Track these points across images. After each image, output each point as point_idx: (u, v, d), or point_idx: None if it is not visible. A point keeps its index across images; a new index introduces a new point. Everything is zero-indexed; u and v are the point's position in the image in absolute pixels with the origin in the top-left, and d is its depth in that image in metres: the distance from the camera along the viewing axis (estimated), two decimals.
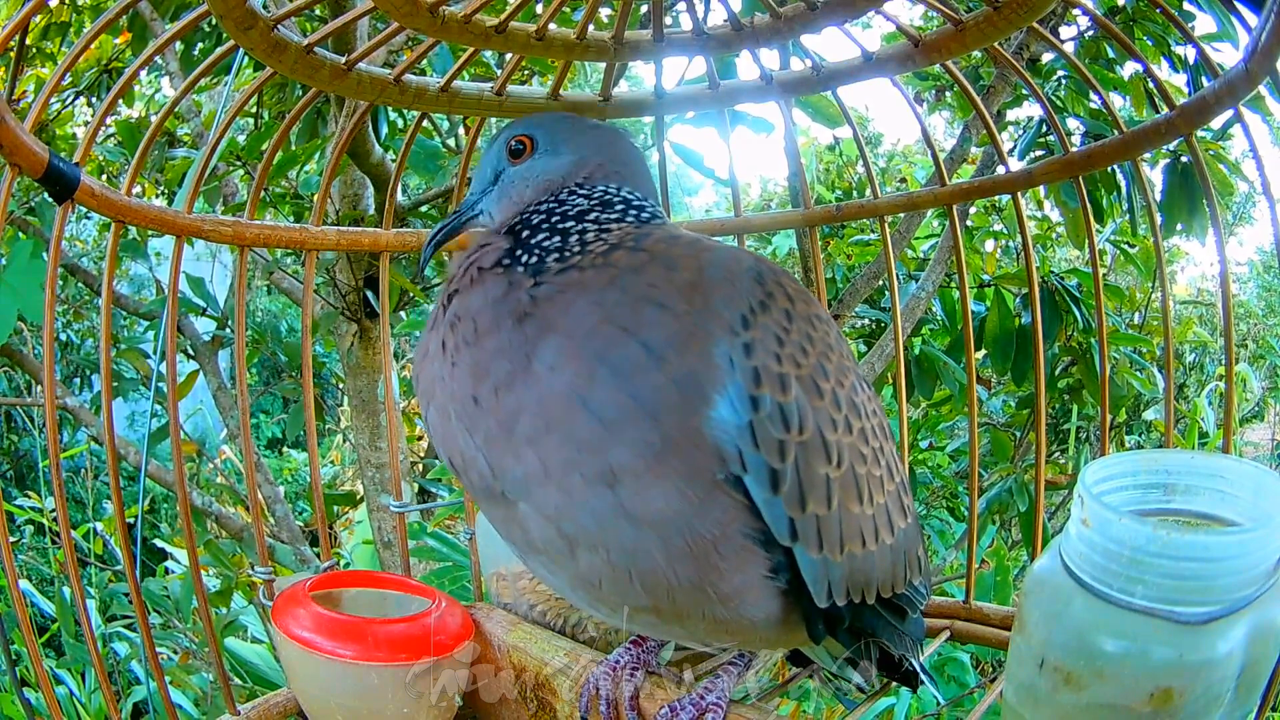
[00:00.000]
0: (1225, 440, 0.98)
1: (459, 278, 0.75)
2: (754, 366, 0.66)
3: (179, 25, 0.91)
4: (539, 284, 0.70)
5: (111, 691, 0.96)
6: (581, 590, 0.74)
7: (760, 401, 0.66)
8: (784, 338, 0.69)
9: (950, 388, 2.42)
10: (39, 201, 2.56)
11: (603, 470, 0.65)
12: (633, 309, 0.66)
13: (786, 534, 0.68)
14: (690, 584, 0.68)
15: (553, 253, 0.73)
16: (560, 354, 0.66)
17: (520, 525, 0.72)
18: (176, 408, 1.04)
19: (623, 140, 0.85)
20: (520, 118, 0.86)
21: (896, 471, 0.81)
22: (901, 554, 0.79)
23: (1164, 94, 0.98)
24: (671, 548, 0.66)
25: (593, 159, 0.82)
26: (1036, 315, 1.13)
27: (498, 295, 0.70)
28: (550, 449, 0.66)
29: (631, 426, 0.64)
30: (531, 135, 0.83)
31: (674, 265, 0.69)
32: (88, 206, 0.86)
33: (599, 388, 0.64)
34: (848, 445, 0.72)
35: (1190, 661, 0.58)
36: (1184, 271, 5.90)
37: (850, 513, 0.72)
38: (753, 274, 0.71)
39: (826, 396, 0.71)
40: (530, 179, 0.82)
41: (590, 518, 0.67)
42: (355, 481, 3.92)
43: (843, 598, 0.73)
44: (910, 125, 6.71)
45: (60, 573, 3.16)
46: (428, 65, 1.84)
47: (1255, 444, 5.11)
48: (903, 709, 2.28)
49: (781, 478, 0.67)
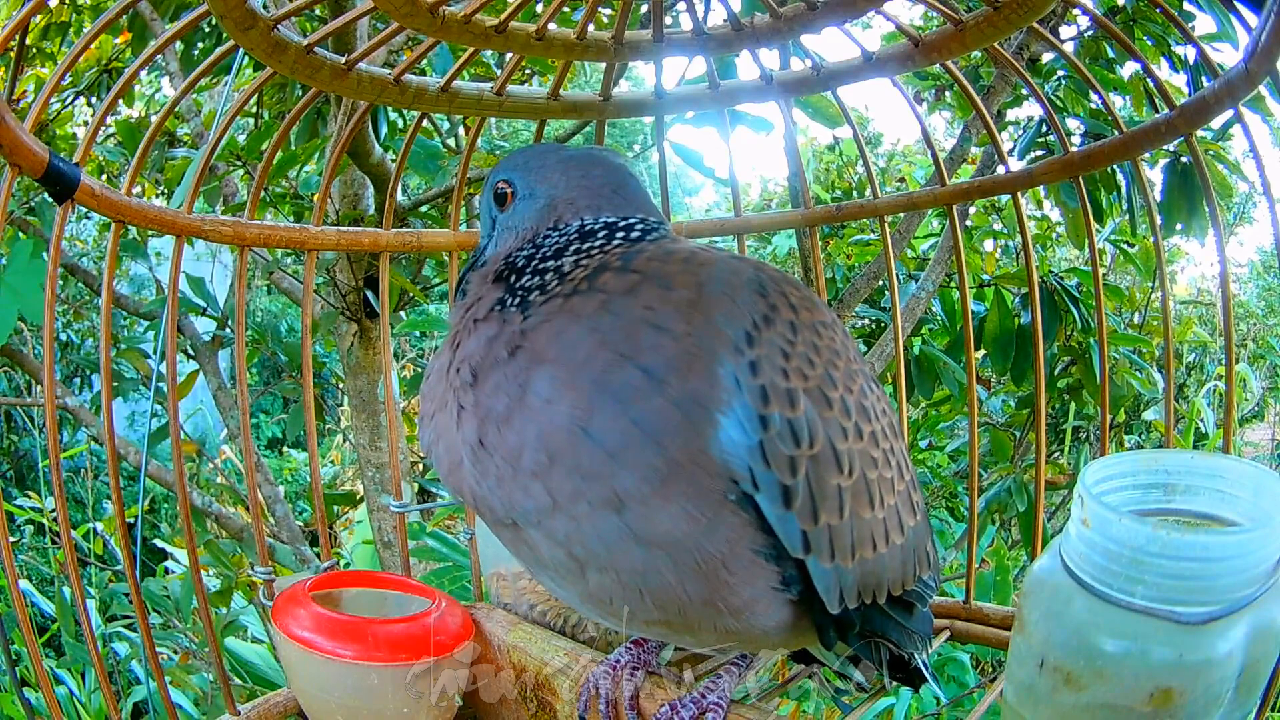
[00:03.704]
0: (1225, 440, 0.98)
1: (459, 330, 0.75)
2: (761, 385, 0.66)
3: (179, 25, 0.91)
4: (526, 318, 0.70)
5: (111, 691, 0.96)
6: (592, 605, 0.74)
7: (770, 420, 0.65)
8: (790, 351, 0.68)
9: (950, 387, 2.42)
10: (39, 201, 2.55)
11: (608, 496, 0.64)
12: (629, 333, 0.65)
13: (800, 547, 0.68)
14: (701, 600, 0.68)
15: (534, 290, 0.73)
16: (554, 385, 0.65)
17: (530, 545, 0.72)
18: (176, 408, 1.04)
19: (598, 166, 0.83)
20: (503, 159, 0.86)
21: (906, 469, 0.80)
22: (911, 551, 0.79)
23: (1164, 94, 0.98)
24: (681, 567, 0.66)
25: (562, 198, 0.81)
26: (1036, 315, 1.13)
27: (492, 335, 0.71)
28: (556, 480, 0.66)
29: (635, 452, 0.63)
30: (510, 180, 0.83)
31: (669, 284, 0.68)
32: (88, 206, 0.86)
33: (599, 416, 0.64)
34: (859, 452, 0.71)
35: (1190, 661, 0.58)
36: (1184, 271, 5.89)
37: (862, 519, 0.72)
38: (754, 286, 0.70)
39: (836, 405, 0.70)
40: (513, 227, 0.82)
41: (599, 542, 0.67)
42: (355, 481, 3.92)
43: (854, 601, 0.73)
44: (910, 125, 6.71)
45: (60, 573, 3.16)
46: (428, 65, 1.84)
47: (1255, 444, 5.11)
48: (902, 709, 2.28)
49: (794, 493, 0.66)
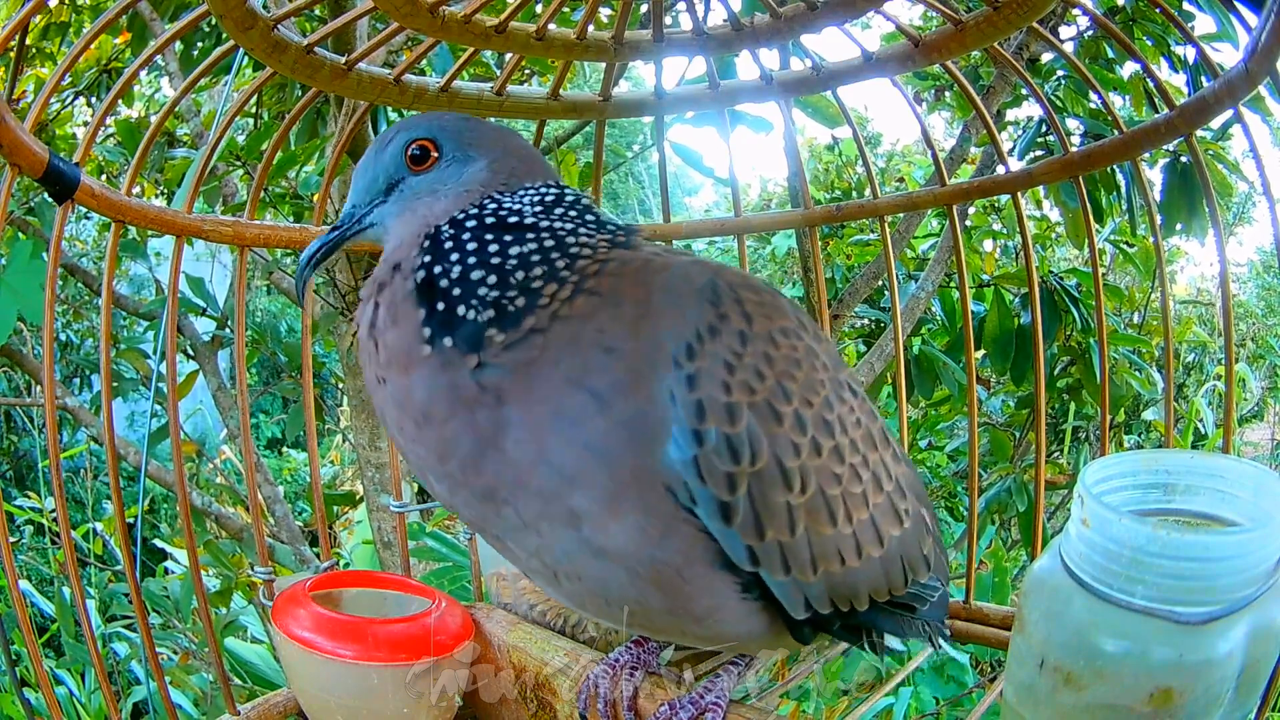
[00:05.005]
0: (1225, 440, 0.98)
1: (384, 359, 0.68)
2: (697, 399, 0.64)
3: (179, 25, 0.91)
4: (483, 365, 0.65)
5: (111, 691, 0.96)
6: (575, 605, 0.77)
7: (705, 435, 0.64)
8: (735, 363, 0.66)
9: (950, 388, 2.42)
10: (39, 201, 2.55)
11: (565, 515, 0.66)
12: (583, 358, 0.65)
13: (746, 560, 0.67)
14: (663, 608, 0.69)
15: (488, 310, 0.65)
16: (525, 426, 0.65)
17: (510, 552, 0.74)
18: (176, 408, 1.04)
19: (518, 136, 0.80)
20: (410, 118, 0.77)
21: (888, 479, 0.77)
22: (897, 560, 0.77)
23: (1164, 94, 0.98)
24: (637, 577, 0.67)
25: (506, 162, 0.74)
26: (1036, 315, 1.13)
27: (434, 386, 0.65)
28: (523, 503, 0.67)
29: (588, 473, 0.64)
30: (435, 139, 0.74)
31: (621, 301, 0.66)
32: (88, 206, 0.86)
33: (555, 441, 0.64)
34: (815, 468, 0.69)
35: (1190, 661, 0.58)
36: (1184, 271, 5.88)
37: (822, 535, 0.70)
38: (706, 294, 0.67)
39: (786, 421, 0.67)
40: (441, 189, 0.73)
41: (563, 555, 0.69)
42: (355, 481, 3.92)
43: (826, 608, 0.72)
44: (910, 125, 6.70)
45: (60, 573, 3.15)
46: (428, 65, 1.84)
47: (1255, 444, 5.10)
48: (901, 709, 2.28)
49: (733, 509, 0.65)
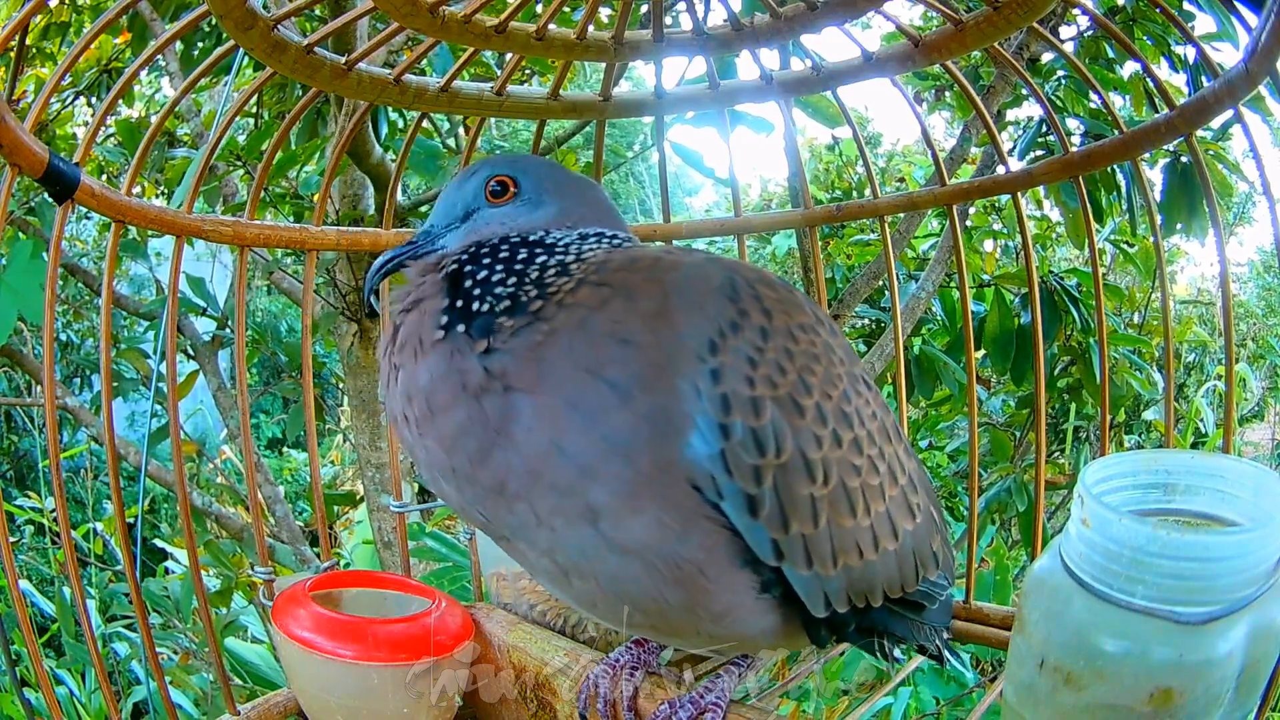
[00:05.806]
0: (1225, 440, 0.98)
1: (400, 341, 0.71)
2: (723, 393, 0.65)
3: (179, 25, 0.91)
4: (491, 350, 0.66)
5: (111, 691, 0.96)
6: (583, 607, 0.76)
7: (731, 429, 0.64)
8: (758, 358, 0.67)
9: (950, 387, 2.42)
10: (39, 201, 2.55)
11: (583, 510, 0.65)
12: (597, 349, 0.65)
13: (771, 555, 0.67)
14: (681, 605, 0.68)
15: (504, 301, 0.69)
16: (535, 414, 0.65)
17: (519, 552, 0.73)
18: (176, 408, 1.04)
19: (598, 190, 0.83)
20: (498, 156, 0.82)
21: (901, 473, 0.78)
22: (910, 555, 0.77)
23: (1164, 94, 0.98)
24: (657, 574, 0.66)
25: (576, 209, 0.79)
26: (1036, 315, 1.13)
27: (441, 372, 0.67)
28: (537, 498, 0.66)
29: (606, 466, 0.64)
30: (515, 177, 0.79)
31: (634, 295, 0.67)
32: (88, 206, 0.86)
33: (572, 433, 0.64)
34: (836, 460, 0.70)
35: (1190, 661, 0.58)
36: (1184, 271, 5.88)
37: (843, 527, 0.70)
38: (725, 291, 0.68)
39: (809, 414, 0.69)
40: (509, 224, 0.78)
41: (577, 552, 0.68)
42: (355, 481, 3.92)
43: (844, 605, 0.72)
44: (910, 125, 6.71)
45: (60, 573, 3.16)
46: (428, 65, 1.84)
47: (1255, 444, 5.10)
48: (900, 708, 2.28)
49: (760, 502, 0.66)
